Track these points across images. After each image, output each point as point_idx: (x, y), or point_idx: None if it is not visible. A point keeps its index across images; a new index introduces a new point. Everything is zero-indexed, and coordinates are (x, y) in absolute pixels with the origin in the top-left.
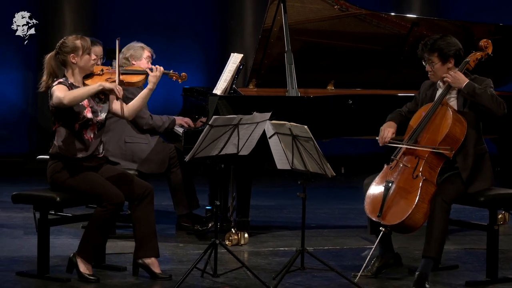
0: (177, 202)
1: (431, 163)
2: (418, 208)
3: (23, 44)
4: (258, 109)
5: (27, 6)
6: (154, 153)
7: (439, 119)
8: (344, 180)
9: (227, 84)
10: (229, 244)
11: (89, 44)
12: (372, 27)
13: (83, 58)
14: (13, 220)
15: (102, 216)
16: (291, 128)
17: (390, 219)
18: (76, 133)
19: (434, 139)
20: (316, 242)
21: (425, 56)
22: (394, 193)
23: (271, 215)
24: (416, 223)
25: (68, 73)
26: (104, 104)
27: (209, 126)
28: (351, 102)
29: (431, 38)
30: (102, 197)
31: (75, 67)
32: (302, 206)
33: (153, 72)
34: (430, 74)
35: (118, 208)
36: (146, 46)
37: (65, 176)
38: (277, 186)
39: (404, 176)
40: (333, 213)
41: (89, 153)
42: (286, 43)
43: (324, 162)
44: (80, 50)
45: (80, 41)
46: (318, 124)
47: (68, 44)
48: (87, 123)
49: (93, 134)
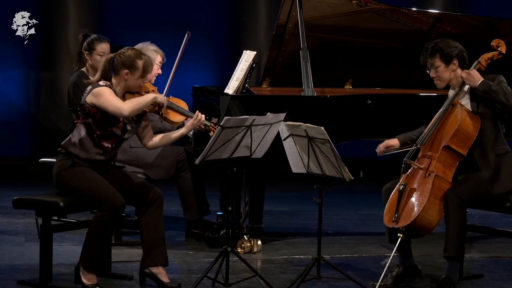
0: (187, 208)
1: (445, 162)
2: (431, 204)
3: (23, 44)
4: (272, 110)
5: (28, 4)
6: (161, 158)
7: (450, 118)
8: (363, 184)
9: (240, 83)
10: (242, 251)
11: (150, 68)
12: (392, 23)
13: (136, 80)
14: (14, 226)
15: (100, 221)
16: (307, 129)
17: (403, 220)
18: (94, 138)
19: (445, 135)
20: (333, 249)
21: (428, 62)
22: (407, 195)
23: (286, 221)
24: (430, 221)
25: (115, 80)
26: (136, 125)
27: (221, 127)
28: (370, 102)
29: (431, 43)
30: (101, 201)
31: (123, 82)
32: (319, 212)
33: (195, 120)
34: (436, 80)
35: (116, 213)
36: (159, 49)
37: (70, 175)
38: (292, 190)
39: (418, 178)
40: (351, 219)
41: (102, 159)
42: (302, 40)
43: (342, 165)
44: (138, 71)
45: (143, 63)
46: (336, 125)
47: (129, 58)
48: (110, 136)
49: (111, 145)
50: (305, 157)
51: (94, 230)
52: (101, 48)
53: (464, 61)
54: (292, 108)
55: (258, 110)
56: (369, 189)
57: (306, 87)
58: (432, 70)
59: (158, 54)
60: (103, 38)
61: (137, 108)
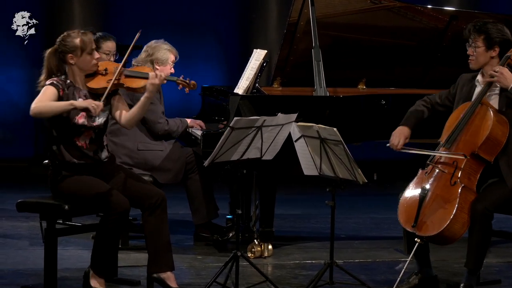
0: (195, 211)
1: (470, 168)
2: (457, 218)
3: (23, 44)
4: (283, 110)
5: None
6: (169, 162)
7: (479, 120)
8: (377, 187)
9: (250, 82)
10: (252, 256)
11: (91, 42)
12: (407, 20)
13: (82, 59)
14: (17, 230)
15: (106, 226)
16: (319, 130)
17: (427, 230)
18: (66, 139)
19: (474, 142)
20: (346, 254)
21: (471, 37)
22: (431, 202)
23: (297, 225)
24: (454, 234)
25: (68, 71)
26: (105, 108)
27: (230, 128)
28: (384, 102)
29: (482, 20)
30: (104, 206)
31: (74, 67)
32: (331, 216)
33: (151, 79)
34: (471, 58)
35: (122, 217)
36: (172, 48)
37: (65, 184)
38: (303, 193)
39: (441, 183)
40: (364, 223)
41: (84, 160)
42: (314, 38)
43: (355, 167)
44: (79, 50)
45: (81, 39)
46: (349, 126)
47: (67, 42)
48: (78, 130)
49: (88, 140)
50: (317, 159)
51: (101, 235)
52: (107, 46)
53: (505, 50)
54: (303, 109)
55: (268, 111)
56: (383, 191)
57: (318, 86)
58: (471, 48)
59: (171, 53)
60: (108, 36)
61: (44, 110)
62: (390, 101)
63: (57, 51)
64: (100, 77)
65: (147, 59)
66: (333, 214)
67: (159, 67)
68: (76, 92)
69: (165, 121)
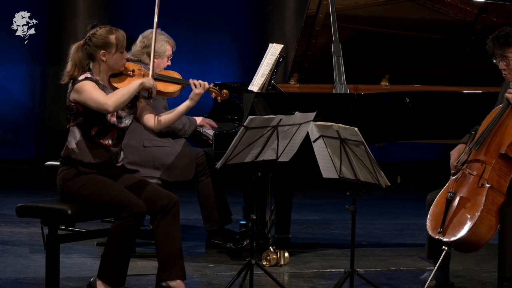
0: (207, 216)
1: (500, 170)
2: (483, 219)
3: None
4: (301, 109)
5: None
6: (178, 158)
7: (508, 121)
8: (400, 191)
9: (265, 79)
10: (267, 264)
11: (124, 41)
12: (433, 13)
13: (115, 56)
14: (17, 236)
15: (122, 230)
16: (339, 130)
17: (451, 234)
18: (92, 138)
19: (502, 142)
20: (367, 262)
21: (497, 53)
22: (457, 205)
23: (316, 231)
24: (481, 238)
25: (94, 68)
26: (130, 110)
27: (244, 128)
28: (409, 100)
29: (501, 31)
30: (120, 208)
31: (103, 64)
32: (352, 221)
33: (198, 89)
34: (504, 73)
35: (139, 219)
36: (170, 39)
37: (78, 185)
38: (322, 197)
39: (469, 186)
40: (387, 229)
41: (104, 160)
42: (334, 31)
43: (377, 170)
44: (113, 47)
45: (115, 37)
46: (371, 125)
47: (100, 38)
48: (107, 129)
49: (111, 140)
50: (337, 161)
51: (114, 241)
52: None
53: None
54: (322, 107)
55: (285, 109)
56: (407, 196)
57: (338, 83)
58: (502, 62)
59: (169, 44)
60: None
61: (122, 100)
62: (415, 99)
63: (86, 46)
64: (128, 78)
65: (143, 51)
66: (353, 220)
67: (156, 60)
68: (105, 91)
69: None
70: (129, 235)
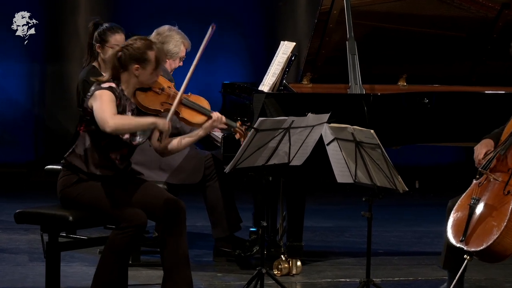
0: (215, 223)
1: None
2: (509, 229)
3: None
4: (314, 110)
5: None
6: (185, 160)
7: None
8: (419, 196)
9: (276, 79)
10: (278, 273)
11: (163, 60)
12: (453, 9)
13: (150, 75)
14: (16, 244)
15: (119, 240)
16: (354, 132)
17: (474, 243)
18: (101, 149)
19: None
20: (384, 272)
21: None
22: (481, 213)
23: (329, 238)
24: (506, 249)
25: (123, 77)
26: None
27: (254, 130)
28: (427, 101)
29: None
30: (120, 217)
31: (134, 78)
32: (368, 228)
33: (214, 121)
34: None
35: (139, 230)
36: (185, 39)
37: (77, 192)
38: (336, 203)
39: (494, 192)
40: (405, 236)
41: (109, 172)
42: (348, 28)
43: (394, 174)
44: (150, 65)
45: (155, 54)
46: (387, 127)
47: (138, 51)
48: (118, 144)
49: (119, 156)
50: (352, 165)
51: (110, 251)
52: (115, 40)
53: None
54: (337, 108)
55: (297, 110)
56: (426, 201)
57: (353, 83)
58: None
59: (183, 45)
60: (116, 28)
61: (125, 128)
62: (434, 100)
63: (123, 55)
64: (155, 95)
65: None
66: (369, 227)
67: (168, 60)
68: (128, 105)
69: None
70: (127, 246)
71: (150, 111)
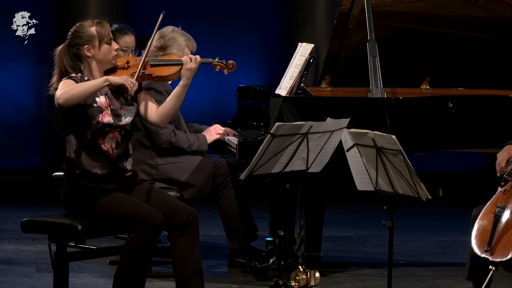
0: (230, 233)
1: None
2: None
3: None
4: (333, 114)
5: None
6: (194, 175)
7: None
8: (442, 204)
9: (294, 82)
10: (296, 285)
11: (108, 31)
12: (478, 9)
13: (102, 49)
14: (22, 254)
15: (136, 244)
16: (375, 138)
17: (500, 253)
18: (89, 144)
19: None
20: (406, 283)
21: None
22: (506, 221)
23: (349, 249)
24: None
25: (85, 68)
26: (131, 106)
27: (271, 135)
28: (452, 105)
29: None
30: (134, 220)
31: (91, 61)
32: (389, 238)
33: (187, 64)
34: None
35: (156, 232)
36: (190, 41)
37: (82, 199)
38: (356, 212)
39: None
40: (428, 246)
41: (109, 169)
42: (369, 30)
43: (417, 181)
44: (96, 39)
45: (96, 28)
46: (410, 133)
47: (81, 33)
48: (103, 130)
49: (114, 143)
50: (372, 172)
51: (129, 256)
52: (125, 42)
53: None
54: (357, 112)
55: (316, 115)
56: (450, 210)
57: (374, 87)
58: None
59: (187, 47)
60: (126, 29)
61: (72, 94)
62: (458, 104)
63: (70, 46)
64: (122, 71)
65: (157, 53)
66: (391, 237)
67: None
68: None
69: (171, 132)
70: (145, 249)
71: None
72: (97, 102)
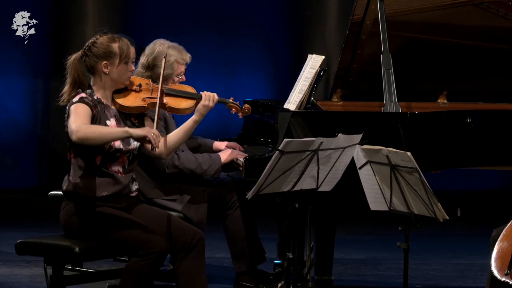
0: (236, 255)
1: None
2: None
3: (24, 48)
4: (345, 130)
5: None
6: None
7: None
8: (461, 225)
9: (303, 96)
10: None
11: (129, 51)
12: (499, 19)
13: (119, 68)
14: (17, 277)
15: (138, 269)
16: (389, 155)
17: None
18: (98, 168)
19: None
20: None
21: None
22: None
23: (362, 272)
24: None
25: (95, 83)
26: None
27: (279, 152)
28: (470, 120)
29: None
30: (138, 244)
31: (106, 77)
32: (404, 261)
33: (205, 101)
34: None
35: (160, 257)
36: (181, 54)
37: (83, 221)
38: (369, 233)
39: None
40: (445, 270)
41: (116, 190)
42: (383, 41)
43: (434, 201)
44: (117, 57)
45: (119, 45)
46: (426, 150)
47: (101, 46)
48: (114, 155)
49: (121, 168)
50: (386, 191)
51: (131, 280)
52: None
53: None
54: (370, 128)
55: (326, 131)
56: (468, 231)
57: (388, 101)
58: None
59: (178, 64)
60: None
61: (93, 137)
62: (477, 119)
63: (85, 57)
64: (134, 94)
65: (146, 73)
66: (406, 259)
67: None
68: (107, 111)
69: (173, 155)
70: (147, 275)
71: (134, 110)
72: (108, 126)
